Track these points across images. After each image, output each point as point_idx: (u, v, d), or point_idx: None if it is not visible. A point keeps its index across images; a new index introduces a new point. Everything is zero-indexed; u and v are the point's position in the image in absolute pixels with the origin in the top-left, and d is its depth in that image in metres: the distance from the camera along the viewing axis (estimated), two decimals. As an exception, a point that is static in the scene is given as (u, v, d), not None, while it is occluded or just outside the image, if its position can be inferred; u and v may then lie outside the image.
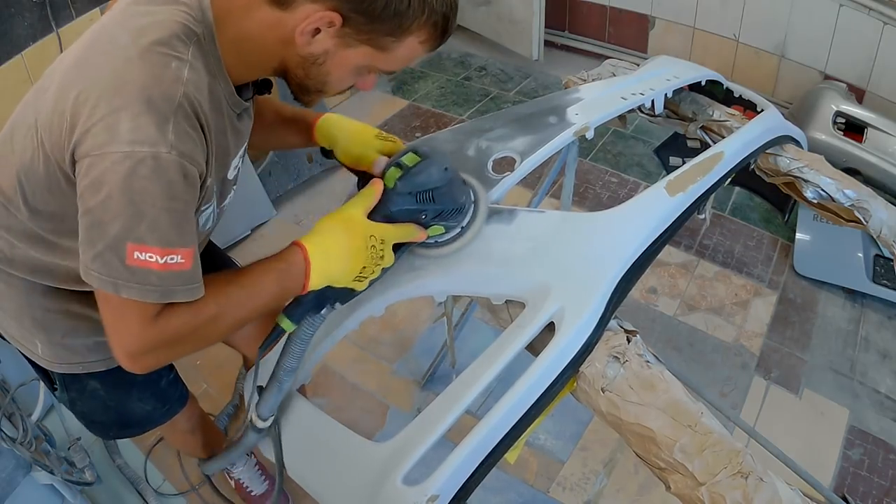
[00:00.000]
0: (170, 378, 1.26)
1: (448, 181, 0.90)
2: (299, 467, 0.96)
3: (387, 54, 0.80)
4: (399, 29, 0.77)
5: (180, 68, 0.72)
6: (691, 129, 1.54)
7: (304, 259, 0.80)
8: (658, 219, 1.06)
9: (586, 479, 1.78)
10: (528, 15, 3.30)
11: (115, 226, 0.69)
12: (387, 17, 0.75)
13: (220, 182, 0.88)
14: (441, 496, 0.80)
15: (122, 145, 0.67)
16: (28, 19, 1.90)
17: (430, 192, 0.88)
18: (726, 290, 2.30)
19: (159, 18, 0.74)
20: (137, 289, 0.71)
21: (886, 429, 1.86)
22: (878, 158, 2.14)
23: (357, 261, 0.83)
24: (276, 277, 0.80)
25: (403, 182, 0.87)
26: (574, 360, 0.89)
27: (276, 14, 0.75)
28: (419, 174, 0.87)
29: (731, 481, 0.78)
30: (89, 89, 0.70)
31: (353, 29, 0.76)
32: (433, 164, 0.88)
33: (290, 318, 0.85)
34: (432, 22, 0.78)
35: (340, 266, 0.82)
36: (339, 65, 0.81)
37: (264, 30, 0.77)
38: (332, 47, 0.78)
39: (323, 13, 0.74)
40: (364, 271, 0.84)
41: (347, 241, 0.82)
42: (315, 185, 2.83)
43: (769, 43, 2.93)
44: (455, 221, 0.96)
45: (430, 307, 2.23)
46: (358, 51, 0.79)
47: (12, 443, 1.49)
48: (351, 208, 0.86)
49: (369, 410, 1.97)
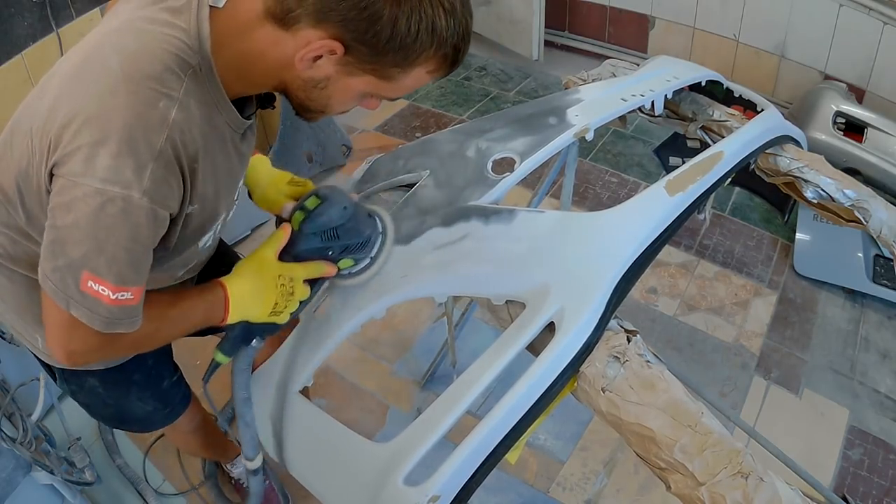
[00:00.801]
0: (172, 380, 1.26)
1: (349, 218, 0.97)
2: (301, 467, 0.96)
3: (392, 83, 0.78)
4: (405, 61, 0.74)
5: (169, 108, 0.70)
6: (691, 129, 1.54)
7: (225, 298, 0.88)
8: (657, 219, 1.06)
9: (586, 479, 1.78)
10: (528, 15, 3.30)
11: (76, 251, 0.70)
12: (392, 49, 0.72)
13: (229, 207, 0.92)
14: (442, 496, 0.80)
15: (96, 181, 0.68)
16: (28, 19, 1.90)
17: (333, 230, 0.95)
18: (726, 290, 2.30)
19: (153, 45, 0.72)
20: (86, 313, 0.73)
21: (886, 429, 1.86)
22: (878, 158, 2.15)
23: (268, 299, 0.91)
24: (203, 309, 0.87)
25: (307, 224, 0.94)
26: (574, 360, 0.89)
27: (278, 34, 0.73)
28: (320, 216, 0.94)
29: (731, 481, 0.78)
30: (75, 113, 0.69)
31: (356, 58, 0.74)
32: (333, 205, 0.95)
33: (223, 351, 0.95)
34: (442, 54, 0.76)
35: (254, 304, 0.90)
36: (342, 90, 0.79)
37: (265, 48, 0.75)
38: (333, 74, 0.76)
39: (324, 42, 0.71)
40: (277, 307, 0.92)
41: (259, 282, 0.90)
42: (315, 185, 2.83)
43: (769, 43, 2.93)
44: (362, 254, 1.02)
45: (431, 307, 2.23)
46: (361, 79, 0.77)
47: (12, 443, 1.48)
48: (263, 250, 0.93)
49: (369, 410, 1.97)
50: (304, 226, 0.94)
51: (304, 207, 0.94)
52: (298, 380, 1.04)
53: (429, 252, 1.06)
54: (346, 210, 0.95)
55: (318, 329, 1.08)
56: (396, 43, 0.71)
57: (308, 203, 0.95)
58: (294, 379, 1.04)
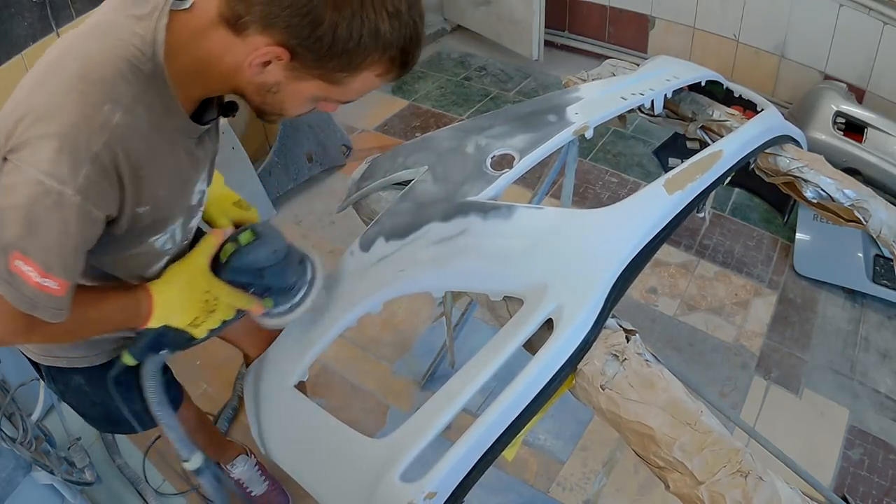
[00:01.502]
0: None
1: (277, 262, 0.97)
2: (296, 464, 0.96)
3: (341, 87, 0.79)
4: (350, 65, 0.75)
5: (113, 112, 0.73)
6: (691, 128, 1.54)
7: (149, 304, 0.91)
8: (656, 217, 1.06)
9: (586, 479, 1.77)
10: (528, 15, 3.30)
11: (9, 232, 0.72)
12: (335, 55, 0.73)
13: (186, 210, 0.93)
14: (439, 493, 0.80)
15: (38, 172, 0.71)
16: (28, 19, 1.90)
17: (259, 269, 0.95)
18: (726, 290, 2.30)
19: (110, 51, 0.74)
20: (11, 292, 0.75)
21: (886, 429, 1.86)
22: (878, 158, 2.14)
23: (191, 310, 0.93)
24: (124, 311, 0.90)
25: (235, 258, 0.95)
26: (572, 358, 0.89)
27: (231, 39, 0.74)
28: (248, 254, 0.95)
29: (730, 480, 0.78)
30: (31, 109, 0.72)
31: (303, 64, 0.75)
32: (264, 246, 0.95)
33: (132, 354, 0.96)
34: (388, 57, 0.76)
35: (177, 312, 0.93)
36: (293, 94, 0.80)
37: (220, 53, 0.76)
38: (283, 79, 0.77)
39: (270, 48, 0.72)
40: (196, 320, 0.94)
41: (186, 292, 0.93)
42: (315, 185, 2.83)
43: (769, 43, 2.93)
44: (283, 299, 1.00)
45: (430, 307, 2.23)
46: (310, 84, 0.78)
47: (12, 443, 1.48)
48: (196, 258, 0.95)
49: (369, 410, 1.97)
50: (232, 258, 0.94)
51: (237, 241, 0.95)
52: (294, 374, 1.04)
53: (426, 247, 1.06)
54: (275, 254, 0.96)
55: (314, 323, 1.08)
56: (339, 48, 0.72)
57: (242, 237, 0.95)
58: (289, 373, 1.04)
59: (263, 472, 1.75)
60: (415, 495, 0.79)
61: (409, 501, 0.79)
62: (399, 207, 1.17)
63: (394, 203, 1.18)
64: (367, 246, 1.14)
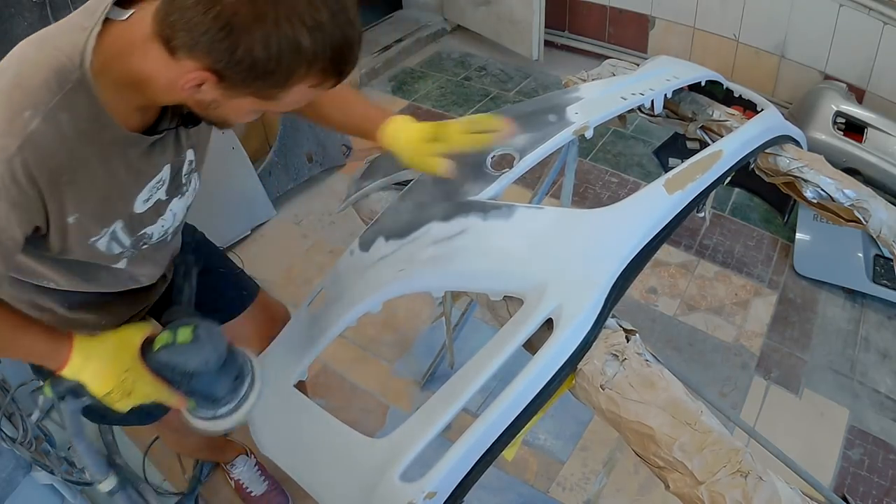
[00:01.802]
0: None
1: (207, 372, 0.91)
2: (295, 464, 0.96)
3: (275, 101, 0.78)
4: (278, 83, 0.74)
5: (31, 119, 0.73)
6: (691, 128, 1.54)
7: (67, 356, 0.87)
8: (656, 217, 1.06)
9: (586, 479, 1.77)
10: (528, 15, 3.30)
11: None
12: (259, 76, 0.72)
13: (128, 216, 0.91)
14: (439, 493, 0.80)
15: None
16: (28, 19, 1.90)
17: (186, 372, 0.90)
18: (726, 290, 2.30)
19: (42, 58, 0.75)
20: None
21: (886, 429, 1.86)
22: (878, 158, 2.14)
23: (107, 382, 0.89)
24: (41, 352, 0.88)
25: (164, 353, 0.90)
26: (572, 357, 0.89)
27: (165, 56, 0.74)
28: (179, 354, 0.89)
29: (730, 480, 0.78)
30: None
31: (231, 84, 0.74)
32: (197, 352, 0.90)
33: (53, 388, 0.91)
34: (318, 69, 0.74)
35: (91, 379, 0.89)
36: (233, 109, 0.81)
37: (157, 68, 0.76)
38: (219, 97, 0.77)
39: (198, 73, 0.73)
40: (111, 395, 0.89)
41: (107, 361, 0.89)
42: (315, 185, 2.83)
43: (769, 43, 2.93)
44: (207, 407, 0.95)
45: (431, 307, 2.23)
46: (245, 100, 0.78)
47: (12, 443, 1.48)
48: (130, 335, 0.92)
49: (369, 410, 1.97)
50: (162, 352, 0.90)
51: (175, 335, 0.90)
52: (293, 373, 1.04)
53: (426, 246, 1.06)
54: (206, 364, 0.90)
55: (314, 322, 1.08)
56: (260, 69, 0.71)
57: (180, 334, 0.90)
58: (288, 372, 1.04)
59: (263, 472, 1.75)
60: (414, 495, 0.79)
61: (408, 501, 0.79)
62: (399, 207, 1.17)
63: (394, 203, 1.18)
64: (367, 245, 1.14)
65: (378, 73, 3.58)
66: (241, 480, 1.73)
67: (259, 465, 1.76)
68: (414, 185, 1.20)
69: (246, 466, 1.73)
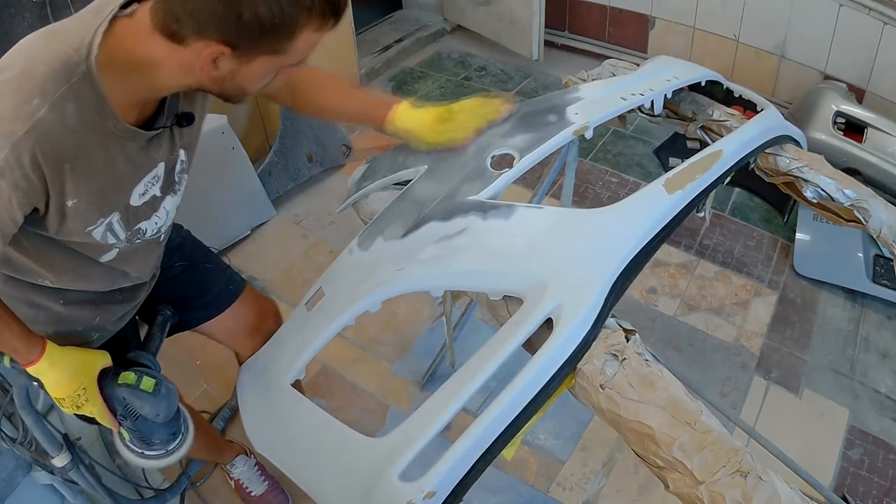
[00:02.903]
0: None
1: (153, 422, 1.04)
2: (292, 462, 0.96)
3: (288, 55, 0.83)
4: (285, 34, 0.79)
5: (39, 107, 0.76)
6: (691, 129, 1.54)
7: (39, 355, 0.95)
8: (656, 216, 1.06)
9: (586, 479, 1.77)
10: (528, 15, 3.30)
11: None
12: (268, 32, 0.77)
13: (124, 208, 0.94)
14: (438, 492, 0.80)
15: None
16: (28, 19, 1.90)
17: (136, 413, 1.02)
18: (726, 290, 2.30)
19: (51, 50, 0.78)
20: None
21: (886, 429, 1.86)
22: (878, 158, 2.14)
23: (62, 390, 0.97)
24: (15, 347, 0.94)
25: (124, 390, 1.01)
26: (572, 357, 0.89)
27: (172, 46, 0.78)
28: (137, 398, 1.01)
29: (730, 480, 0.78)
30: None
31: (245, 50, 0.79)
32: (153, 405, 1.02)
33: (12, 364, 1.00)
34: (317, 13, 0.79)
35: (50, 383, 0.97)
36: (249, 76, 0.85)
37: (163, 57, 0.80)
38: (234, 67, 0.82)
39: (213, 48, 0.77)
40: (62, 401, 0.98)
41: (69, 374, 0.97)
42: (315, 185, 2.83)
43: (769, 43, 2.93)
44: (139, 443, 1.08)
45: (431, 307, 2.23)
46: (259, 61, 0.82)
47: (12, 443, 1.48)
48: (95, 359, 1.01)
49: (369, 410, 1.97)
50: (122, 389, 1.01)
51: (139, 380, 1.02)
52: (290, 372, 1.04)
53: (426, 246, 1.06)
54: (157, 417, 1.03)
55: (312, 321, 1.08)
56: (268, 26, 0.76)
57: (143, 382, 1.02)
58: (286, 371, 1.04)
59: (263, 472, 1.75)
60: (414, 495, 0.79)
61: (408, 501, 0.79)
62: (398, 206, 1.17)
63: (393, 202, 1.18)
64: (367, 245, 1.14)
65: (378, 73, 3.58)
66: (241, 480, 1.73)
67: (259, 465, 1.76)
68: (413, 184, 1.20)
69: (246, 466, 1.73)
